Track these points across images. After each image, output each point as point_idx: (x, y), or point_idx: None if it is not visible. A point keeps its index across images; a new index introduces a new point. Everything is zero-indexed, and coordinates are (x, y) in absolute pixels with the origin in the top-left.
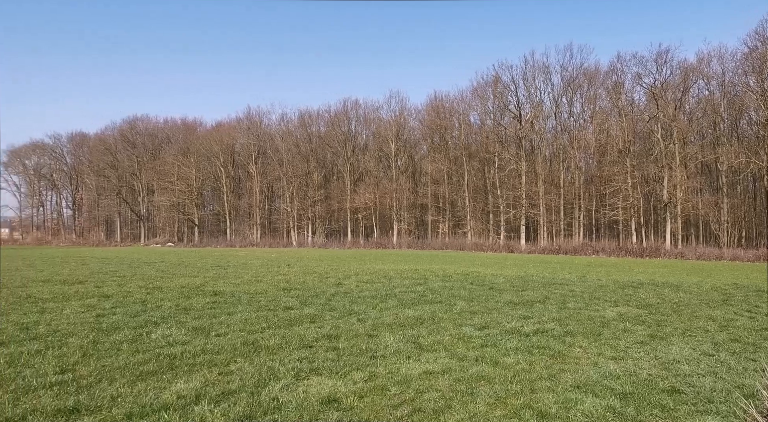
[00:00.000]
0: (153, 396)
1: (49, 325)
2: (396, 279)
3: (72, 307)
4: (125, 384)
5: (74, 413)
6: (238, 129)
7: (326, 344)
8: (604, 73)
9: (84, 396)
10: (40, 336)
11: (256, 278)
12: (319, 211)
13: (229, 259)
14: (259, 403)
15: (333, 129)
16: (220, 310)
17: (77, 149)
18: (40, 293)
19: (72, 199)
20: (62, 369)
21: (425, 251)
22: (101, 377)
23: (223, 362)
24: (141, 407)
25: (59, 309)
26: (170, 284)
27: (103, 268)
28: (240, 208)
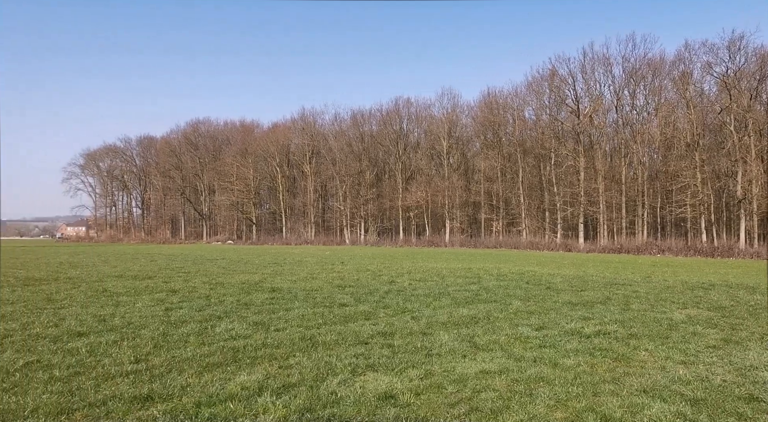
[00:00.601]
0: (219, 386)
1: (123, 317)
2: (449, 278)
3: (143, 301)
4: (193, 375)
5: (149, 400)
6: (292, 130)
7: (381, 341)
8: (670, 63)
9: (157, 384)
10: (115, 327)
11: (312, 275)
12: (371, 209)
13: (285, 256)
14: (318, 397)
15: (385, 128)
16: (278, 306)
17: (145, 152)
18: (115, 287)
19: (141, 199)
20: (136, 358)
21: (478, 250)
22: (171, 367)
23: (283, 356)
24: (208, 396)
25: (132, 303)
26: (231, 281)
27: (169, 264)
28: (295, 207)
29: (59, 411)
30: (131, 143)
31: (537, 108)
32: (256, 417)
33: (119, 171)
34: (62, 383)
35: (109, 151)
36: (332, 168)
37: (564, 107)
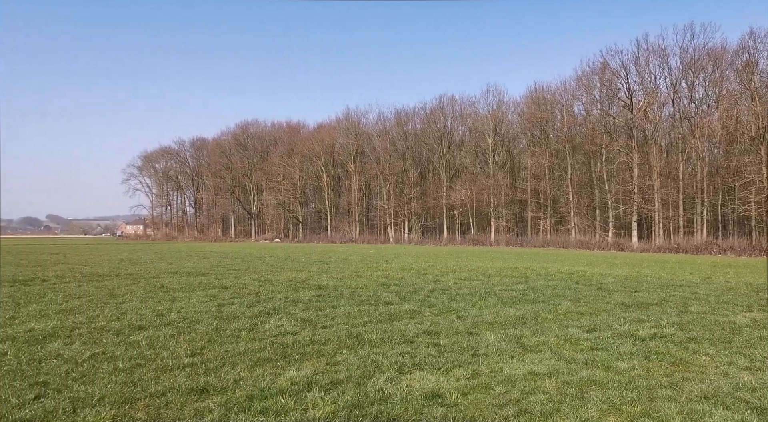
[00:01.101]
0: (270, 381)
1: (179, 312)
2: (495, 277)
3: (197, 297)
4: (245, 369)
5: (204, 392)
6: (337, 129)
7: (427, 340)
8: (733, 53)
9: (211, 377)
10: (172, 321)
11: (357, 273)
12: (415, 208)
13: (330, 255)
14: (365, 394)
15: (429, 126)
16: (324, 303)
17: (198, 153)
18: (171, 283)
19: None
20: (192, 352)
21: (525, 249)
22: (225, 361)
23: (330, 353)
24: (260, 390)
25: (187, 298)
26: (279, 278)
27: (221, 262)
28: (339, 205)
29: (123, 400)
30: (185, 144)
31: (587, 103)
32: (306, 411)
33: (174, 172)
34: (125, 374)
35: (164, 153)
36: (376, 167)
37: (616, 101)
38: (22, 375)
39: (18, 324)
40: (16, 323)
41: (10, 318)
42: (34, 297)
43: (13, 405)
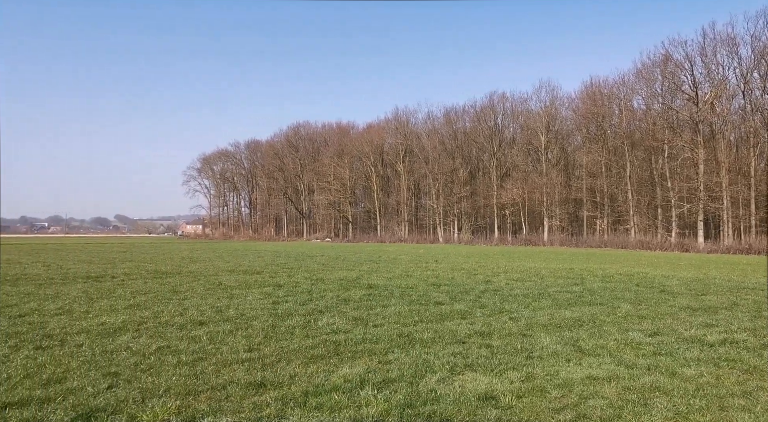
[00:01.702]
0: (323, 377)
1: (237, 309)
2: (549, 278)
3: (253, 294)
4: (300, 365)
5: (262, 387)
6: (386, 129)
7: (479, 341)
8: None
9: (268, 372)
10: (230, 318)
11: (406, 273)
12: (465, 207)
13: (380, 254)
14: (417, 393)
15: (479, 124)
16: (375, 302)
17: (252, 155)
18: (228, 281)
19: (248, 199)
20: (250, 347)
21: (580, 249)
22: (280, 357)
23: (382, 351)
24: (315, 387)
25: (244, 296)
26: (331, 277)
27: (274, 260)
28: (389, 205)
29: (187, 392)
30: (240, 147)
31: (647, 97)
32: (359, 409)
33: (230, 173)
34: (188, 367)
35: (221, 155)
36: (425, 166)
37: (679, 95)
38: (96, 366)
39: (91, 318)
40: (90, 316)
41: (84, 312)
42: (105, 293)
43: (89, 393)
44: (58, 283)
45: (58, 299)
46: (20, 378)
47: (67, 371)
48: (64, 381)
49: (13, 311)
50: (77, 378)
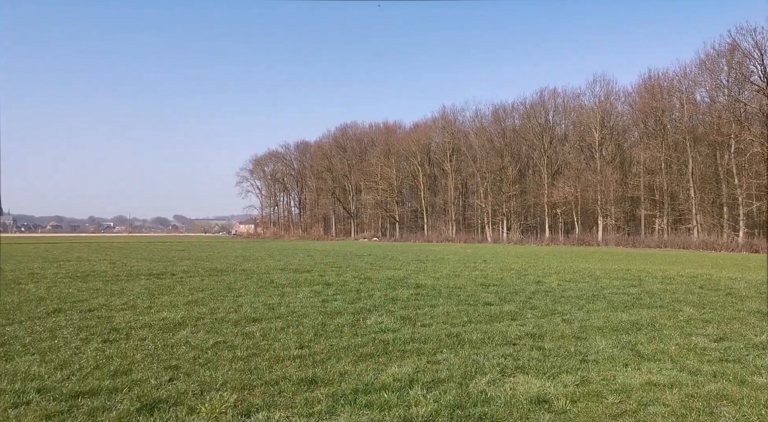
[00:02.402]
0: (373, 376)
1: (288, 307)
2: (604, 279)
3: (303, 292)
4: (349, 363)
5: (313, 383)
6: (433, 128)
7: (530, 343)
8: None
9: (319, 369)
10: (282, 315)
11: (454, 273)
12: (514, 206)
13: (427, 254)
14: (467, 394)
15: (528, 121)
16: (423, 302)
17: (302, 156)
18: (279, 279)
19: (298, 199)
20: (300, 345)
21: (638, 250)
22: (330, 355)
23: (430, 351)
24: (364, 385)
25: (294, 293)
26: (378, 276)
27: (323, 259)
28: (436, 204)
29: (242, 386)
30: (290, 148)
31: (711, 89)
32: (409, 408)
33: (280, 174)
34: (243, 362)
35: (272, 156)
36: (473, 165)
37: (748, 86)
38: (158, 359)
39: (153, 313)
40: (152, 312)
41: (147, 307)
42: (165, 289)
43: (152, 385)
44: (123, 280)
45: (123, 295)
46: (90, 369)
47: (132, 363)
48: (129, 372)
49: (83, 306)
50: (141, 370)
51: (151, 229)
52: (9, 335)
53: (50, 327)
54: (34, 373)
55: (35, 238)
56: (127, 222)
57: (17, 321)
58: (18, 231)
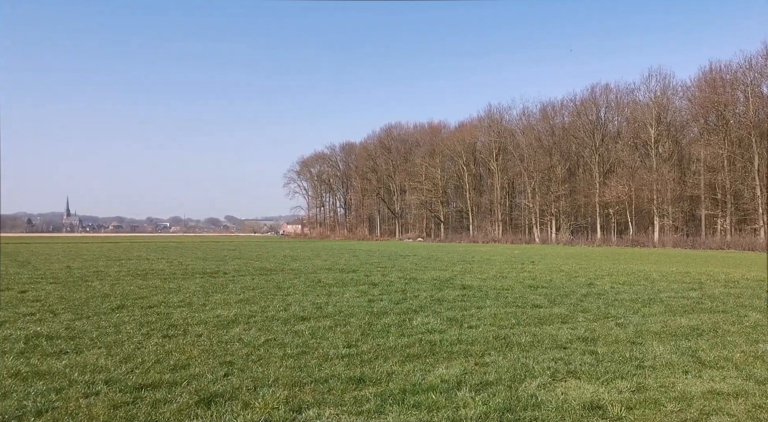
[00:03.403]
0: (420, 376)
1: (335, 306)
2: (660, 282)
3: (350, 292)
4: (396, 363)
5: (361, 382)
6: (479, 128)
7: (582, 347)
8: None
9: (366, 369)
10: (329, 314)
11: (501, 274)
12: (564, 206)
13: (473, 254)
14: (517, 398)
15: (579, 118)
16: (469, 303)
17: (347, 157)
18: (326, 279)
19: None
20: (348, 344)
21: (698, 251)
22: (377, 354)
23: (478, 353)
24: (412, 385)
25: (341, 293)
26: (424, 276)
27: (369, 259)
28: (481, 205)
29: (293, 383)
30: (336, 149)
31: None
32: (457, 410)
33: (326, 175)
34: (293, 359)
35: (318, 158)
36: (520, 164)
37: None
38: (213, 355)
39: (208, 310)
40: (207, 309)
41: (202, 305)
42: (218, 288)
43: (209, 379)
44: (179, 278)
45: (180, 292)
46: (152, 363)
47: (189, 358)
48: (187, 367)
49: (144, 303)
50: (198, 365)
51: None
52: (78, 329)
53: (114, 322)
54: (102, 366)
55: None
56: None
57: (85, 316)
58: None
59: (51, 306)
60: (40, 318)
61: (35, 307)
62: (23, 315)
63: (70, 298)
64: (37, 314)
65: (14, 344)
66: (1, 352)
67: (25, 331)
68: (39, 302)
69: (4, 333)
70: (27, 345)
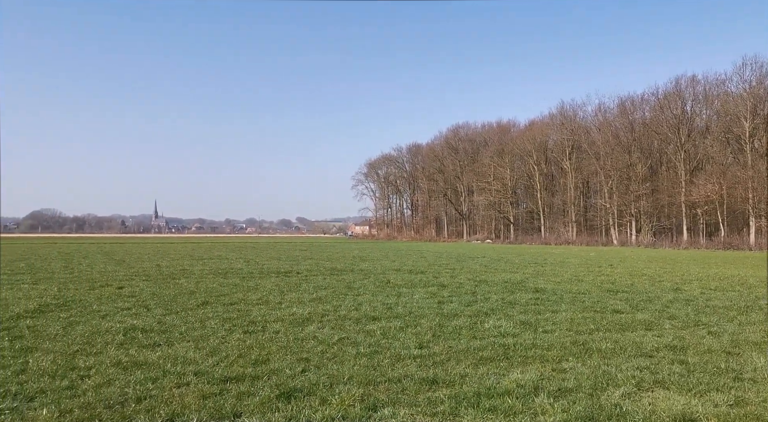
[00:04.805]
0: (494, 380)
1: (405, 307)
2: (759, 288)
3: (419, 293)
4: (469, 366)
5: (434, 383)
6: (550, 126)
7: (670, 355)
8: None
9: (439, 370)
10: (399, 315)
11: (576, 277)
12: (645, 206)
13: (545, 256)
14: (600, 406)
15: (661, 113)
16: (543, 307)
17: (413, 158)
18: (395, 279)
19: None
20: (420, 345)
21: None
22: (449, 356)
23: (555, 359)
24: (486, 389)
25: (410, 294)
26: (494, 279)
27: (436, 261)
28: (553, 205)
29: (367, 382)
30: (402, 151)
31: None
32: (535, 416)
33: (393, 177)
34: (366, 358)
35: (385, 159)
36: (596, 163)
37: None
38: (290, 351)
39: (284, 308)
40: (283, 307)
41: (278, 303)
42: (292, 287)
43: (287, 375)
44: (256, 277)
45: (257, 290)
46: (235, 357)
47: (269, 354)
48: (267, 362)
49: (225, 300)
50: (277, 361)
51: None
52: (169, 323)
53: (200, 317)
54: (191, 358)
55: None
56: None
57: (174, 311)
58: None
59: (144, 302)
60: (136, 313)
61: (131, 302)
62: (121, 309)
63: (160, 294)
64: (132, 308)
65: (115, 336)
66: (105, 343)
67: (124, 324)
68: (134, 298)
69: (106, 325)
70: (125, 337)
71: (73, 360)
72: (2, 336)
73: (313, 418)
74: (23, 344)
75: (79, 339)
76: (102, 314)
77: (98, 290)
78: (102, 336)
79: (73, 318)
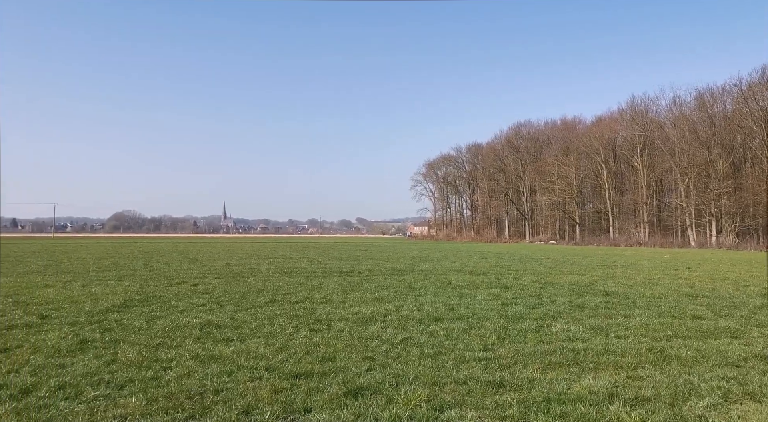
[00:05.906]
0: (565, 386)
1: (467, 308)
2: None
3: (481, 295)
4: (537, 370)
5: (501, 387)
6: (620, 122)
7: (761, 366)
8: None
9: (506, 373)
10: (462, 316)
11: (650, 280)
12: (726, 205)
13: (615, 258)
14: (682, 417)
15: (746, 105)
16: (615, 311)
17: (473, 158)
18: (456, 280)
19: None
20: (484, 347)
21: None
22: (516, 360)
23: (630, 366)
24: (556, 394)
25: (472, 295)
26: (560, 281)
27: (498, 262)
28: (623, 205)
29: (433, 382)
30: (461, 151)
31: None
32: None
33: (452, 177)
34: (431, 359)
35: (444, 159)
36: (670, 160)
37: None
38: (355, 350)
39: (347, 307)
40: (346, 306)
41: (341, 302)
42: (355, 286)
43: (353, 373)
44: (320, 276)
45: (321, 289)
46: (302, 354)
47: (335, 351)
48: (334, 359)
49: (291, 298)
50: (343, 359)
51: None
52: (240, 319)
53: (269, 314)
54: (262, 353)
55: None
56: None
57: (244, 308)
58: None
59: (217, 298)
60: (210, 309)
61: (205, 299)
62: (196, 305)
63: (231, 292)
64: (206, 305)
65: (192, 330)
66: (183, 337)
67: (199, 319)
68: (208, 295)
69: (184, 320)
70: (201, 332)
71: (156, 352)
72: (94, 328)
73: (380, 416)
74: (112, 336)
75: (161, 332)
76: (180, 310)
77: (175, 287)
78: (180, 330)
79: (154, 312)
